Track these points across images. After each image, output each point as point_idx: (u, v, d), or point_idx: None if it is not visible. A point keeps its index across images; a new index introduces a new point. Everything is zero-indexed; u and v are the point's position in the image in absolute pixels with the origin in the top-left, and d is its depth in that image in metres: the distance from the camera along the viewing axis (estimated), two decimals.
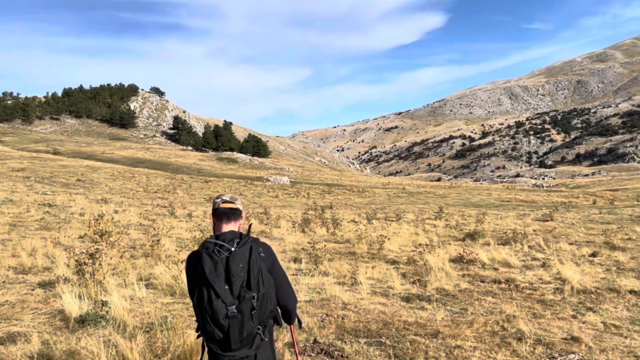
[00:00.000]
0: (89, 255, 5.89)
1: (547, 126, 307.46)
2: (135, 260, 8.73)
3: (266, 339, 2.65)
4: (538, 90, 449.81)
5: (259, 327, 2.59)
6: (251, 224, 3.45)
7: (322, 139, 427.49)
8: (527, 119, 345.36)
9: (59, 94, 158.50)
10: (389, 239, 11.60)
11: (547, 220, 27.30)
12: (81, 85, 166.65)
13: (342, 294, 6.14)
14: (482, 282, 7.67)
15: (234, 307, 2.49)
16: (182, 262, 6.36)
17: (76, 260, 5.82)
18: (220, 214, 2.82)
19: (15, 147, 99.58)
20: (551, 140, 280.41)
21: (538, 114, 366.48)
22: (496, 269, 8.77)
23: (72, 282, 5.94)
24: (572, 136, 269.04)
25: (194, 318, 5.21)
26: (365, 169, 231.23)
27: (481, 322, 5.21)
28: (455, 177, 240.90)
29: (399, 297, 6.53)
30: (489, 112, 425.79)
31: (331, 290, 6.27)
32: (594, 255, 11.05)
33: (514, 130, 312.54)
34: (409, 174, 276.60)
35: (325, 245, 9.78)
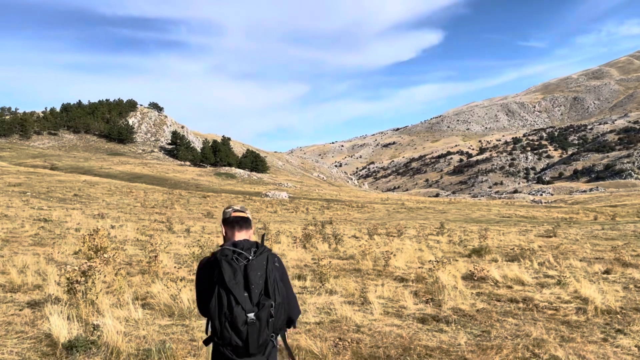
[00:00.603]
0: (81, 272, 5.48)
1: (544, 142, 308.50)
2: (131, 277, 8.30)
3: (277, 346, 2.72)
4: (535, 107, 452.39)
5: (272, 334, 2.64)
6: (264, 234, 3.35)
7: (320, 155, 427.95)
8: (524, 135, 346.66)
9: (57, 109, 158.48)
10: (394, 255, 11.19)
11: (551, 236, 26.90)
12: (79, 100, 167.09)
13: (353, 314, 5.72)
14: (498, 301, 7.26)
15: (252, 314, 2.53)
16: (180, 280, 5.95)
17: (67, 279, 5.40)
18: (233, 222, 2.90)
19: (13, 162, 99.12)
20: (548, 157, 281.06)
21: (535, 130, 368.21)
22: (510, 287, 8.36)
23: (63, 302, 5.51)
24: (569, 152, 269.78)
25: (195, 343, 4.80)
26: (364, 184, 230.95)
27: (510, 347, 4.81)
28: (453, 192, 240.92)
29: (413, 318, 6.12)
30: (486, 128, 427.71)
31: (341, 311, 5.86)
32: (607, 272, 10.65)
33: (511, 146, 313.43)
34: (407, 190, 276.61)
35: (330, 262, 9.37)
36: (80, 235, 15.11)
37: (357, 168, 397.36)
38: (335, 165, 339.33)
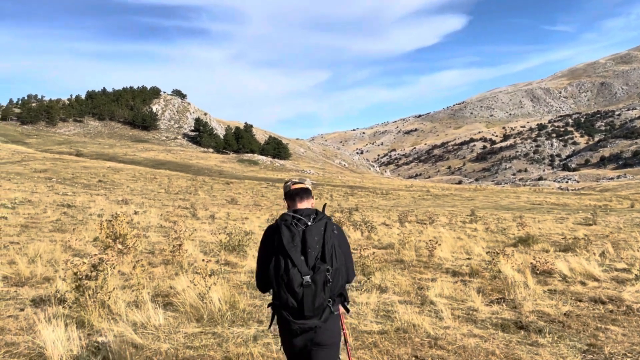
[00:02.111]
0: (91, 266, 4.62)
1: (570, 129, 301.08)
2: (153, 268, 7.46)
3: (335, 313, 2.73)
4: (560, 93, 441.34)
5: (330, 300, 2.67)
6: (325, 203, 3.56)
7: (341, 142, 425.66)
8: (549, 122, 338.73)
9: (83, 96, 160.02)
10: (439, 244, 10.15)
11: (591, 224, 25.53)
12: (104, 88, 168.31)
13: (419, 320, 4.74)
14: (580, 301, 6.20)
15: (308, 277, 2.57)
16: (209, 275, 5.04)
17: (74, 274, 4.53)
18: (293, 195, 2.92)
19: (39, 148, 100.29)
20: (574, 143, 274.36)
21: (560, 116, 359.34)
22: (584, 284, 7.27)
23: (69, 302, 4.63)
24: (596, 139, 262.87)
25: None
26: (385, 171, 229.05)
27: None
28: (476, 180, 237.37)
29: (491, 324, 5.11)
30: (510, 114, 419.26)
31: (403, 315, 4.88)
32: None
33: (536, 132, 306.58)
34: (429, 177, 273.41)
35: (374, 253, 8.39)
36: (100, 221, 14.44)
37: (378, 155, 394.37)
38: (357, 153, 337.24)
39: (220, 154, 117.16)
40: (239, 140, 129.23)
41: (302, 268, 2.58)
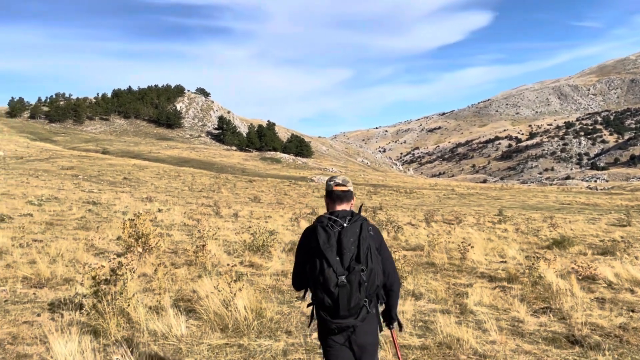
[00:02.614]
0: (110, 271, 4.36)
1: (598, 127, 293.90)
2: (175, 269, 7.22)
3: (372, 312, 2.77)
4: (589, 90, 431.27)
5: (366, 299, 2.69)
6: (362, 204, 3.54)
7: (363, 140, 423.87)
8: (577, 120, 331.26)
9: (109, 95, 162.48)
10: (472, 247, 9.69)
11: (625, 225, 24.63)
12: (130, 86, 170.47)
13: (461, 333, 4.34)
14: (632, 311, 5.72)
15: (343, 277, 2.62)
16: (235, 281, 4.72)
17: (92, 278, 4.27)
18: (334, 197, 2.95)
19: (66, 146, 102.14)
20: (603, 142, 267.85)
21: (589, 114, 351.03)
22: (632, 291, 6.77)
23: (86, 308, 4.38)
24: (626, 137, 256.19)
25: None
26: (408, 170, 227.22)
27: None
28: (502, 179, 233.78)
29: (540, 337, 4.68)
30: (536, 112, 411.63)
31: (444, 327, 4.48)
32: None
33: (564, 131, 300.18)
34: (453, 176, 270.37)
35: (405, 255, 8.00)
36: (126, 219, 14.34)
37: (401, 153, 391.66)
38: (379, 151, 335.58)
39: (243, 152, 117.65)
40: (262, 138, 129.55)
41: (337, 268, 2.63)
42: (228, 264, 6.30)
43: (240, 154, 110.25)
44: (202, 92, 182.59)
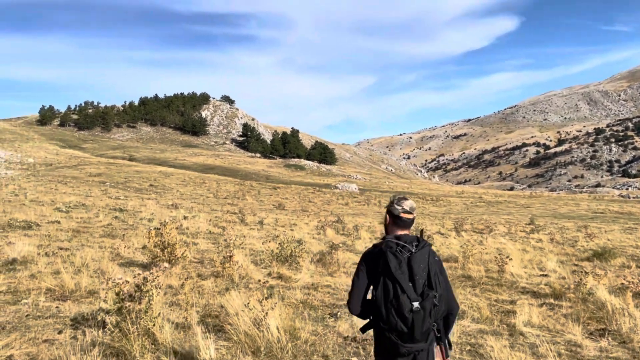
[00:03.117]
0: (134, 287, 4.09)
1: (630, 133, 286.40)
2: (202, 281, 6.97)
3: (438, 335, 2.87)
4: (619, 96, 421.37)
5: (434, 324, 2.77)
6: (422, 229, 3.73)
7: (387, 147, 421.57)
8: (607, 126, 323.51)
9: (136, 102, 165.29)
10: (510, 259, 9.21)
11: None
12: (156, 94, 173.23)
13: (515, 359, 3.93)
14: None
15: (417, 303, 2.65)
16: (266, 298, 4.39)
17: (116, 294, 4.02)
18: (401, 223, 2.95)
19: (94, 153, 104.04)
20: (635, 148, 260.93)
21: (620, 120, 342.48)
22: None
23: (110, 325, 4.11)
24: None
25: None
26: (434, 177, 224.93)
27: None
28: (529, 186, 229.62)
29: None
30: (565, 118, 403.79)
31: (497, 353, 4.05)
32: None
33: (593, 137, 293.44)
34: (479, 183, 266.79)
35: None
36: (153, 226, 14.20)
37: (425, 160, 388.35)
38: (404, 158, 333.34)
39: (267, 159, 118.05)
40: (286, 145, 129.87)
41: (411, 294, 2.68)
42: (259, 280, 5.99)
43: (264, 161, 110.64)
44: (227, 99, 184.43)
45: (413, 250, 2.75)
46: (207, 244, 12.41)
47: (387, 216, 3.01)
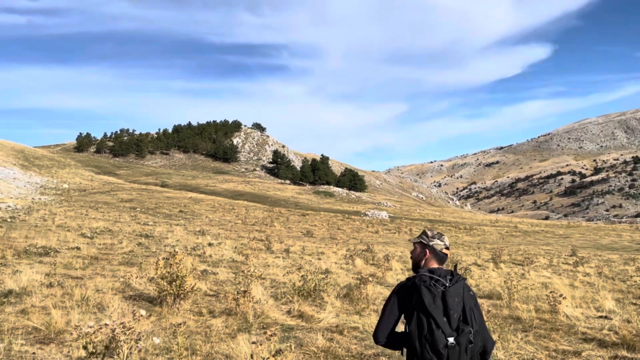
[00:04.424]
0: (109, 340, 3.29)
1: None
2: (212, 319, 6.16)
3: None
4: None
5: None
6: (457, 263, 3.18)
7: (418, 174, 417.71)
8: None
9: (169, 130, 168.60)
10: (564, 297, 8.11)
11: None
12: (189, 122, 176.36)
13: None
14: None
15: (452, 338, 2.61)
16: (278, 353, 3.58)
17: (84, 347, 3.22)
18: (439, 258, 2.92)
19: (128, 179, 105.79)
20: None
21: None
22: None
23: None
24: None
25: None
26: (465, 205, 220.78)
27: None
28: (565, 215, 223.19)
29: None
30: (601, 146, 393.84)
31: None
32: None
33: (632, 166, 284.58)
34: (512, 212, 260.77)
35: (489, 311, 6.59)
36: (157, 259, 13.56)
37: (457, 188, 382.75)
38: (435, 185, 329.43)
39: (296, 186, 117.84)
40: (315, 172, 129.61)
41: (445, 330, 2.61)
42: (276, 319, 5.15)
43: (293, 188, 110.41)
44: (258, 127, 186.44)
45: (447, 285, 2.70)
46: (227, 274, 11.65)
47: (426, 250, 2.93)
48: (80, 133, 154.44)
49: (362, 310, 7.51)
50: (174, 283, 6.48)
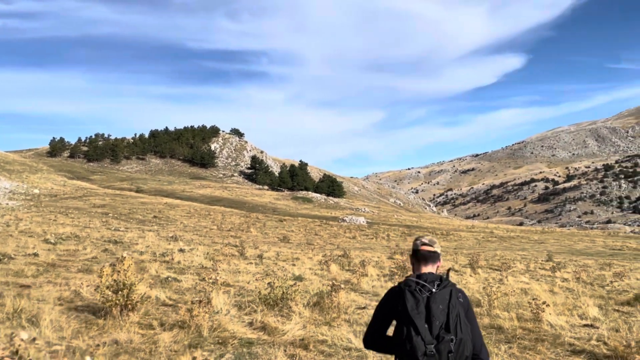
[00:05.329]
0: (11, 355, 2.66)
1: (639, 169, 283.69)
2: (160, 334, 5.47)
3: None
4: (627, 132, 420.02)
5: None
6: (450, 268, 3.49)
7: (395, 181, 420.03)
8: (616, 162, 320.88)
9: (146, 135, 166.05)
10: (547, 305, 7.64)
11: None
12: (166, 127, 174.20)
13: None
14: None
15: (432, 346, 2.54)
16: None
17: None
18: (420, 257, 2.89)
19: (102, 185, 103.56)
20: None
21: (629, 156, 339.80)
22: None
23: None
24: None
25: None
26: (442, 211, 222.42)
27: None
28: (539, 221, 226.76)
29: None
30: (573, 154, 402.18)
31: None
32: None
33: (602, 173, 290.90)
34: (488, 218, 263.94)
35: None
36: (102, 265, 12.78)
37: (434, 195, 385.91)
38: (412, 192, 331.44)
39: (274, 191, 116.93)
40: (294, 178, 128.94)
41: (425, 337, 2.54)
42: (234, 333, 4.51)
43: (271, 193, 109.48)
44: (236, 132, 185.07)
45: (433, 290, 2.63)
46: (193, 282, 10.93)
47: (411, 257, 2.93)
48: (54, 137, 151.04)
49: (333, 321, 6.90)
50: (120, 292, 5.79)
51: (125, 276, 5.96)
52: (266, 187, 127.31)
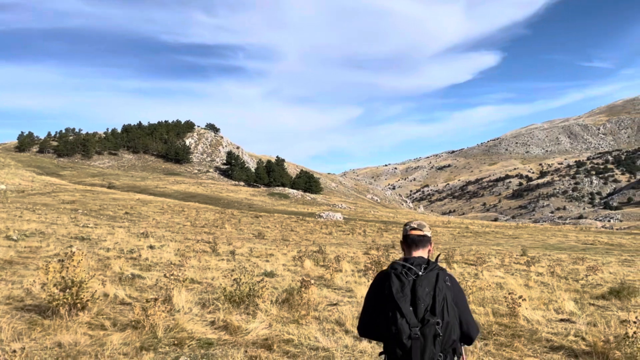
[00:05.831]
0: None
1: (610, 166, 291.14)
2: (114, 333, 5.03)
3: None
4: (599, 129, 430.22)
5: (441, 354, 2.57)
6: (439, 254, 3.93)
7: (373, 177, 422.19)
8: (588, 159, 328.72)
9: (119, 130, 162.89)
10: (523, 299, 7.42)
11: None
12: (140, 122, 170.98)
13: None
14: None
15: (417, 329, 2.51)
16: None
17: None
18: (410, 242, 2.88)
19: (72, 180, 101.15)
20: (615, 181, 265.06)
21: (600, 153, 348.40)
22: None
23: None
24: (638, 177, 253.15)
25: None
26: (419, 207, 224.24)
27: None
28: (513, 217, 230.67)
29: None
30: (546, 151, 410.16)
31: None
32: None
33: (575, 170, 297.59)
34: (464, 214, 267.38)
35: None
36: (47, 261, 12.21)
37: (410, 191, 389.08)
38: (389, 188, 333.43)
39: (251, 187, 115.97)
40: (270, 174, 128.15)
41: (410, 319, 2.51)
42: (192, 332, 4.12)
43: (248, 189, 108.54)
44: (211, 127, 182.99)
45: (420, 273, 2.60)
46: (158, 278, 10.45)
47: (401, 242, 2.91)
48: (22, 132, 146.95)
49: (302, 318, 6.52)
50: (68, 290, 5.31)
51: (75, 273, 5.49)
52: (242, 183, 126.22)
